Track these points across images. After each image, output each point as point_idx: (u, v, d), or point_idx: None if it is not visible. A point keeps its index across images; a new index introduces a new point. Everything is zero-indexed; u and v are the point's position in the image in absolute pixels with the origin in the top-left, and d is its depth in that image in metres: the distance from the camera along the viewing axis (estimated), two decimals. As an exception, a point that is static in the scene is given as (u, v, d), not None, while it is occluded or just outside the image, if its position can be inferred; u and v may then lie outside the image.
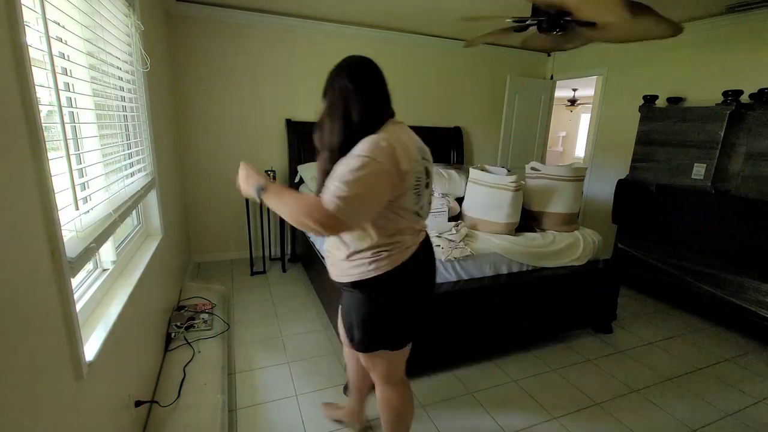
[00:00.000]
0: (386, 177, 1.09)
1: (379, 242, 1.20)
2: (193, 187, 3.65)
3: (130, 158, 1.90)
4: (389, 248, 1.21)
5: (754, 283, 2.61)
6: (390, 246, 1.21)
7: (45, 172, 0.93)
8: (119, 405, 1.38)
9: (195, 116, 3.53)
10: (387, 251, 1.21)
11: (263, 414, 1.89)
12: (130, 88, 1.95)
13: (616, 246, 3.57)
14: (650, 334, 2.75)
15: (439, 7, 3.16)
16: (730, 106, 2.85)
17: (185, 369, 1.93)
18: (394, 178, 1.11)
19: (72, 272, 1.04)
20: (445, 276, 2.20)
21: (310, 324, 2.72)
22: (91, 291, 1.36)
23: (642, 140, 3.46)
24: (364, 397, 1.79)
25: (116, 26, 1.71)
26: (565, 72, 4.77)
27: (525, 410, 1.98)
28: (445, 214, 2.38)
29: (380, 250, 1.21)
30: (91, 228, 1.26)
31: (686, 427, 1.91)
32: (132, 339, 1.58)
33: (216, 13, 3.35)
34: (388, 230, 1.20)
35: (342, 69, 1.31)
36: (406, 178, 1.14)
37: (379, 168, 1.07)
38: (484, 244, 2.32)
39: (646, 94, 3.47)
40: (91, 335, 1.20)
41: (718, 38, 3.23)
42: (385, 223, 1.19)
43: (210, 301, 2.66)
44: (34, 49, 0.96)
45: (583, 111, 9.09)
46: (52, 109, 1.09)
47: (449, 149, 4.48)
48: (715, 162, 2.95)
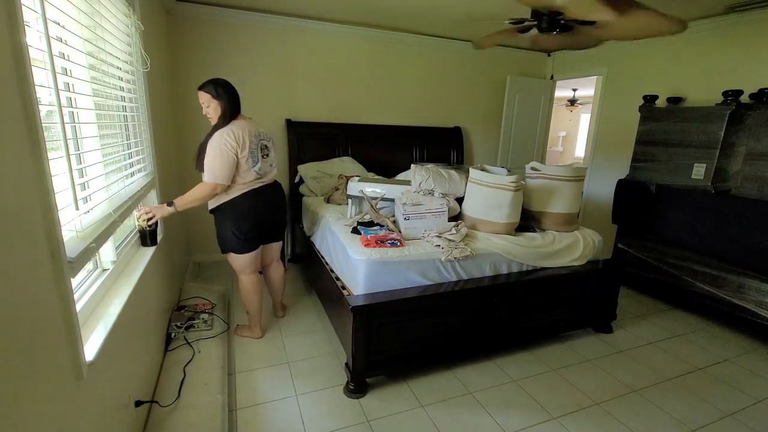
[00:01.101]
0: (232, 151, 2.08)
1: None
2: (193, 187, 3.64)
3: (130, 158, 1.90)
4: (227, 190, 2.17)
5: (754, 283, 2.61)
6: (229, 188, 2.17)
7: (45, 172, 0.93)
8: (119, 405, 1.38)
9: (195, 116, 3.53)
10: (226, 192, 2.18)
11: (263, 414, 1.89)
12: (130, 88, 1.96)
13: (616, 246, 3.57)
14: (650, 334, 2.75)
15: (438, 7, 3.16)
16: (730, 106, 2.85)
17: (185, 369, 1.93)
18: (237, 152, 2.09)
19: (72, 272, 1.04)
20: (446, 276, 2.20)
21: (310, 324, 2.72)
22: (91, 291, 1.36)
23: (642, 140, 3.46)
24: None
25: (116, 26, 1.71)
26: (565, 72, 4.77)
27: (525, 410, 1.98)
28: (445, 214, 2.38)
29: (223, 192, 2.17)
30: (91, 228, 1.26)
31: (686, 427, 1.91)
32: (132, 339, 1.58)
33: (216, 13, 3.35)
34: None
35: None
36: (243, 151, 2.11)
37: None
38: (484, 244, 2.32)
39: (646, 94, 3.47)
40: (91, 335, 1.20)
41: (718, 38, 3.23)
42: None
43: (210, 301, 2.66)
44: (34, 49, 0.96)
45: (583, 111, 9.09)
46: (52, 109, 1.09)
47: (449, 149, 4.48)
48: (715, 162, 2.95)
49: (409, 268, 2.11)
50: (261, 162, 2.17)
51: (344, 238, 2.30)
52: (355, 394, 2.02)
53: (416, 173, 2.67)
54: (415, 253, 2.13)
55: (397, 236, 2.21)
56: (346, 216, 2.72)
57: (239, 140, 2.06)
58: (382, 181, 2.91)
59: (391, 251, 2.09)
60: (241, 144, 2.06)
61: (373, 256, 2.05)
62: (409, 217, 2.33)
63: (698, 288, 2.91)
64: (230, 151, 2.04)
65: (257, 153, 2.15)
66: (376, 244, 2.12)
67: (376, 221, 2.41)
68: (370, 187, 2.70)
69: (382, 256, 2.06)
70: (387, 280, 2.07)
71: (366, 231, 2.27)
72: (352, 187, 2.72)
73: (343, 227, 2.47)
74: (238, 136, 2.06)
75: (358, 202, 2.72)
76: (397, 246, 2.14)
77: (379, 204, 2.60)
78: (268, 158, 2.24)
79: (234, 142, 2.04)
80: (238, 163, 2.09)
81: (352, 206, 2.72)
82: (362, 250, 2.09)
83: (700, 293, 2.91)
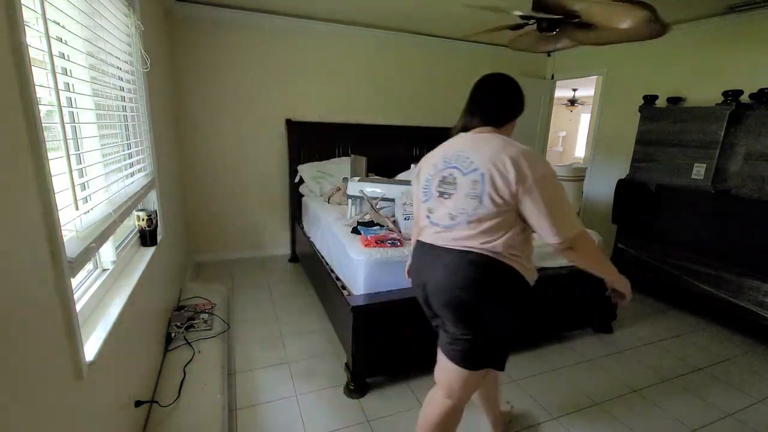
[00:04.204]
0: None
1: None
2: (193, 187, 3.65)
3: (130, 158, 1.90)
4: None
5: (754, 283, 2.61)
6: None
7: (45, 172, 0.93)
8: (119, 405, 1.38)
9: (195, 116, 3.53)
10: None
11: (263, 414, 1.89)
12: (130, 88, 1.95)
13: (616, 246, 3.57)
14: (650, 334, 2.75)
15: (438, 6, 3.16)
16: (730, 106, 2.85)
17: (185, 369, 1.93)
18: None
19: (72, 272, 1.04)
20: None
21: (310, 324, 2.72)
22: (91, 291, 1.35)
23: (642, 140, 3.46)
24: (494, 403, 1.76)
25: (116, 26, 1.71)
26: (565, 72, 4.77)
27: (525, 410, 1.98)
28: None
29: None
30: (91, 228, 1.26)
31: (686, 427, 1.91)
32: (132, 339, 1.58)
33: (216, 13, 3.35)
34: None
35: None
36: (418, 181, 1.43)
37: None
38: None
39: (646, 94, 3.47)
40: (91, 335, 1.20)
41: (718, 38, 3.22)
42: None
43: (210, 301, 2.65)
44: (34, 49, 0.96)
45: (583, 111, 9.08)
46: (52, 109, 1.09)
47: (449, 149, 4.47)
48: (715, 162, 2.95)
49: None
50: (432, 201, 1.35)
51: (344, 238, 2.30)
52: (355, 395, 2.02)
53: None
54: None
55: (397, 236, 2.21)
56: (346, 216, 2.71)
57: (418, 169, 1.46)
58: (383, 181, 2.92)
59: (391, 251, 2.09)
60: (416, 174, 1.46)
61: (373, 256, 2.05)
62: (409, 217, 2.34)
63: (698, 288, 2.91)
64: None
65: (431, 186, 1.35)
66: (376, 244, 2.12)
67: (376, 221, 2.41)
68: (370, 187, 2.70)
69: (382, 256, 2.06)
70: (387, 280, 2.07)
71: (366, 231, 2.27)
72: (352, 187, 2.72)
73: (343, 227, 2.47)
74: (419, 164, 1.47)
75: (358, 202, 2.72)
76: (397, 246, 2.14)
77: (380, 204, 2.60)
78: (447, 199, 1.29)
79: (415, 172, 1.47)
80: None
81: (352, 206, 2.72)
82: (362, 250, 2.09)
83: (700, 293, 2.91)
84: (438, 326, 1.43)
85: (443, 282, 1.27)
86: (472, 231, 1.22)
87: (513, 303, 1.30)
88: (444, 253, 1.28)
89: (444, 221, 1.29)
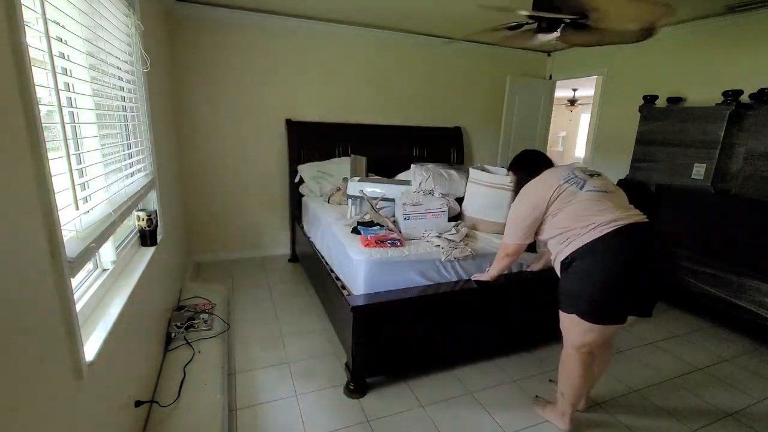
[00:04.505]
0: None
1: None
2: (193, 187, 3.65)
3: (130, 158, 1.90)
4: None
5: (754, 283, 2.61)
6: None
7: (45, 172, 0.93)
8: (119, 405, 1.38)
9: (195, 116, 3.53)
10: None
11: (263, 414, 1.89)
12: (130, 88, 1.95)
13: (616, 246, 3.56)
14: (650, 334, 2.75)
15: (438, 6, 3.16)
16: (730, 106, 2.85)
17: (185, 369, 1.93)
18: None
19: (72, 272, 1.04)
20: (445, 276, 2.19)
21: (310, 324, 2.72)
22: (91, 291, 1.36)
23: (642, 140, 3.46)
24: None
25: (116, 26, 1.71)
26: (564, 72, 4.77)
27: (525, 410, 1.98)
28: (445, 214, 2.38)
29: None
30: (91, 228, 1.26)
31: (686, 427, 1.90)
32: (132, 339, 1.58)
33: (216, 13, 3.35)
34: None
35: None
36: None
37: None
38: (484, 243, 2.31)
39: (646, 94, 3.47)
40: (91, 335, 1.20)
41: (718, 38, 3.23)
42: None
43: (210, 301, 2.65)
44: (34, 49, 0.96)
45: (583, 111, 9.09)
46: (52, 109, 1.09)
47: (449, 149, 4.48)
48: (715, 162, 2.95)
49: (409, 268, 2.11)
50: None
51: (344, 238, 2.30)
52: (355, 395, 2.02)
53: (416, 173, 2.68)
54: (415, 253, 2.12)
55: (397, 236, 2.21)
56: (346, 216, 2.72)
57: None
58: (382, 181, 2.91)
59: (391, 251, 2.09)
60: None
61: (373, 256, 2.04)
62: (409, 217, 2.33)
63: (698, 288, 2.91)
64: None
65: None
66: (376, 244, 2.12)
67: (376, 221, 2.41)
68: (370, 187, 2.70)
69: (382, 256, 2.05)
70: (387, 280, 2.07)
71: (366, 231, 2.26)
72: (352, 187, 2.72)
73: (343, 227, 2.46)
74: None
75: (358, 202, 2.72)
76: (397, 246, 2.13)
77: (380, 204, 2.59)
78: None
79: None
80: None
81: (352, 206, 2.72)
82: (362, 250, 2.09)
83: (700, 293, 2.91)
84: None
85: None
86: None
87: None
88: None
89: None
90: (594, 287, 1.55)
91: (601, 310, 1.57)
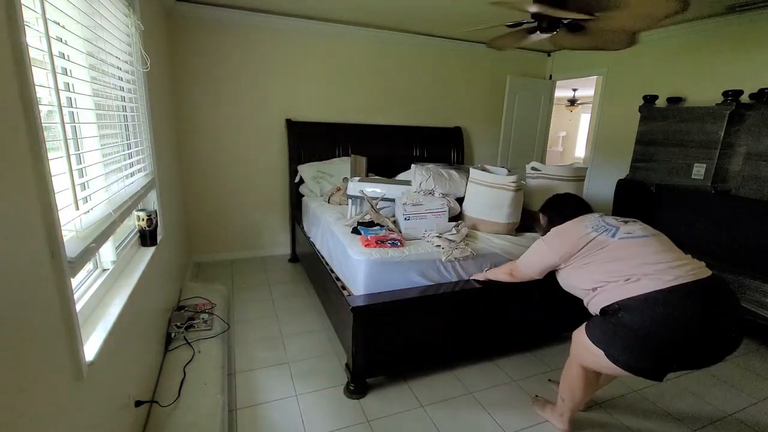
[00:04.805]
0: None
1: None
2: (193, 187, 3.65)
3: (130, 158, 1.90)
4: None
5: (754, 283, 2.61)
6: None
7: (45, 172, 0.93)
8: (119, 405, 1.38)
9: (195, 116, 3.53)
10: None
11: (263, 414, 1.89)
12: (130, 88, 1.95)
13: (616, 246, 3.56)
14: (650, 334, 2.75)
15: (439, 6, 3.16)
16: (730, 106, 2.85)
17: (185, 369, 1.93)
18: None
19: (72, 272, 1.04)
20: (446, 276, 2.19)
21: (310, 324, 2.72)
22: (91, 291, 1.35)
23: (642, 140, 3.46)
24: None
25: (116, 26, 1.71)
26: (564, 72, 4.77)
27: (525, 410, 1.98)
28: (446, 214, 2.37)
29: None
30: (91, 228, 1.26)
31: (686, 427, 1.90)
32: (132, 339, 1.58)
33: (216, 13, 3.35)
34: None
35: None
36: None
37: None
38: (484, 244, 2.31)
39: (646, 94, 3.47)
40: (91, 335, 1.20)
41: (718, 38, 3.23)
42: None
43: (210, 301, 2.65)
44: (34, 49, 0.96)
45: (583, 111, 9.09)
46: (52, 109, 1.09)
47: (449, 149, 4.48)
48: (715, 162, 2.95)
49: (409, 268, 2.11)
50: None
51: (344, 239, 2.29)
52: (355, 395, 2.02)
53: (417, 173, 2.67)
54: (416, 254, 2.12)
55: (398, 236, 2.21)
56: (346, 216, 2.71)
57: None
58: (383, 181, 2.91)
59: (391, 251, 2.09)
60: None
61: (373, 256, 2.04)
62: (409, 217, 2.33)
63: (698, 288, 2.90)
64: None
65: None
66: (377, 244, 2.12)
67: (376, 221, 2.40)
68: (370, 187, 2.69)
69: (382, 257, 2.05)
70: (387, 280, 2.07)
71: (366, 231, 2.26)
72: (352, 187, 2.71)
73: (343, 227, 2.46)
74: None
75: (358, 202, 2.71)
76: (398, 246, 2.13)
77: (380, 204, 2.59)
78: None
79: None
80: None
81: (353, 206, 2.72)
82: (362, 250, 2.09)
83: (700, 293, 2.90)
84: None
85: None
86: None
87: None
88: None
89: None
90: (643, 349, 1.41)
91: (639, 369, 1.46)
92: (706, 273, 1.44)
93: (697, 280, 1.39)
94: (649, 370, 1.47)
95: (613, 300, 1.49)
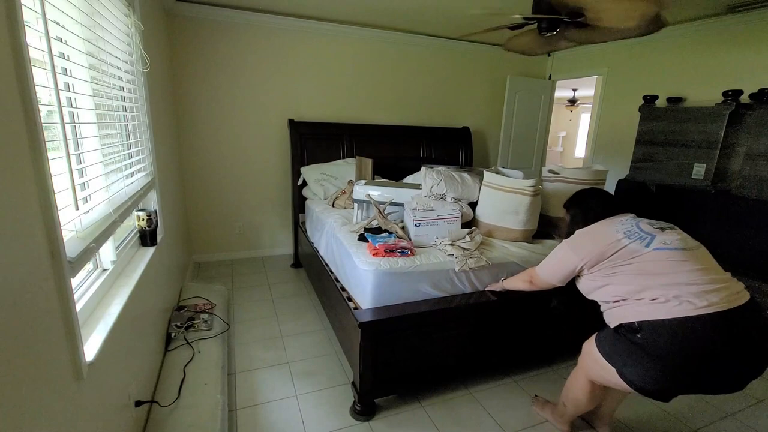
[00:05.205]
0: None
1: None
2: (193, 187, 3.65)
3: (130, 158, 1.90)
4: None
5: (754, 283, 2.61)
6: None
7: (45, 172, 0.93)
8: (119, 405, 1.38)
9: (195, 116, 3.53)
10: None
11: (263, 414, 1.89)
12: (130, 88, 1.95)
13: (616, 246, 3.56)
14: (650, 334, 2.74)
15: (439, 6, 3.16)
16: (730, 106, 2.85)
17: (185, 369, 1.93)
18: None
19: (72, 272, 1.04)
20: (459, 287, 2.04)
21: (310, 324, 2.72)
22: (91, 291, 1.36)
23: (642, 140, 3.46)
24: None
25: (116, 26, 1.71)
26: (564, 72, 4.77)
27: (525, 410, 1.97)
28: (458, 220, 2.19)
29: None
30: (91, 228, 1.26)
31: (686, 427, 1.90)
32: (132, 339, 1.58)
33: (216, 13, 3.35)
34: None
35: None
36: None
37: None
38: (500, 252, 2.14)
39: (646, 94, 3.47)
40: (91, 335, 1.20)
41: (718, 38, 3.23)
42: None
43: (210, 301, 2.65)
44: (34, 49, 0.96)
45: (583, 111, 9.09)
46: (52, 109, 1.09)
47: (458, 150, 4.41)
48: (715, 162, 2.95)
49: (420, 279, 1.95)
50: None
51: (350, 246, 2.16)
52: (362, 416, 1.88)
53: (427, 176, 2.52)
54: (427, 263, 1.96)
55: (407, 244, 2.04)
56: (351, 221, 2.59)
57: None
58: (390, 184, 2.75)
59: (401, 261, 1.93)
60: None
61: (382, 266, 1.89)
62: (419, 223, 2.16)
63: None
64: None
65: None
66: (385, 253, 1.96)
67: (384, 227, 2.26)
68: (377, 190, 2.56)
69: (391, 267, 1.90)
70: (397, 292, 1.92)
71: (374, 239, 2.11)
72: (358, 190, 2.58)
73: (348, 234, 2.33)
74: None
75: (364, 206, 2.57)
76: (408, 255, 1.97)
77: (387, 209, 2.44)
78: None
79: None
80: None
81: (359, 211, 2.58)
82: (370, 259, 1.94)
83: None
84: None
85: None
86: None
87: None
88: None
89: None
90: (661, 374, 1.31)
91: (653, 392, 1.37)
92: (742, 299, 1.29)
93: (730, 309, 1.26)
94: (662, 393, 1.39)
95: (634, 318, 1.37)
